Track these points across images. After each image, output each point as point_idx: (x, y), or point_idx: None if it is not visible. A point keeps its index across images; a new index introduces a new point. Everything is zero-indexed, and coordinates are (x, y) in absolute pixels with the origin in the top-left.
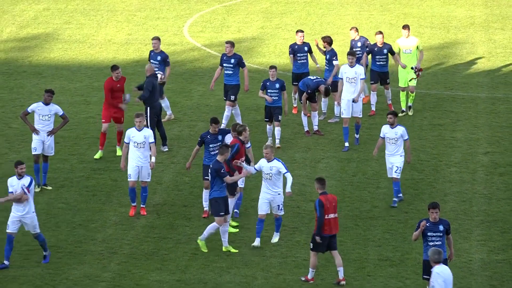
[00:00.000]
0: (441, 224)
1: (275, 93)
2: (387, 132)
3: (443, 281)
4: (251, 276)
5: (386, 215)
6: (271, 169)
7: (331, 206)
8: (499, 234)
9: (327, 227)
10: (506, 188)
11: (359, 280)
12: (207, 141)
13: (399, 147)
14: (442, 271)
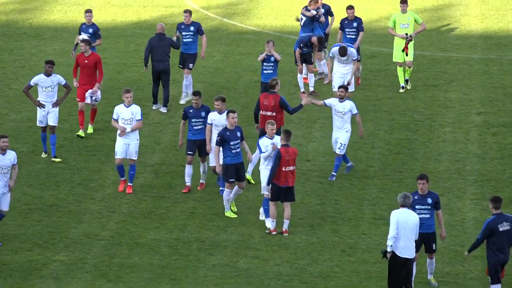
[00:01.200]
0: (429, 197)
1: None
2: (335, 105)
3: (396, 221)
4: (248, 235)
5: (381, 174)
6: (272, 144)
7: (290, 158)
8: (492, 193)
9: (283, 179)
10: (499, 148)
11: (354, 238)
12: (190, 115)
13: (346, 123)
14: (399, 213)
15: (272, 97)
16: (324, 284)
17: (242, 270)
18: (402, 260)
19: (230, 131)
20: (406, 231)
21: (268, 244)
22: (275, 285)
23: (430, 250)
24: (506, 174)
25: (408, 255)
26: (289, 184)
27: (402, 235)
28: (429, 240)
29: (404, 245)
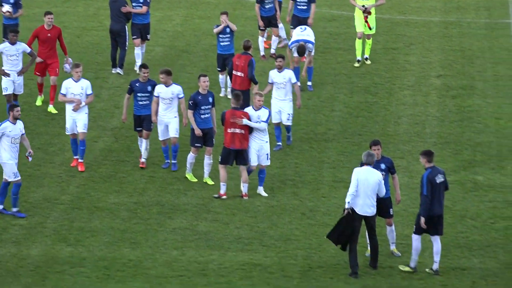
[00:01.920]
0: (382, 163)
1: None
2: (274, 77)
3: (357, 179)
4: (208, 198)
5: (340, 137)
6: (259, 118)
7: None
8: (451, 155)
9: (229, 140)
10: (458, 111)
11: (314, 201)
12: (136, 89)
13: (287, 92)
14: (361, 171)
15: (244, 58)
16: (284, 246)
17: (202, 233)
18: (361, 217)
19: (202, 95)
20: (366, 188)
21: (228, 208)
22: (235, 248)
23: (387, 215)
24: (465, 137)
25: (367, 213)
26: (236, 147)
27: (362, 193)
28: (385, 205)
29: (363, 202)
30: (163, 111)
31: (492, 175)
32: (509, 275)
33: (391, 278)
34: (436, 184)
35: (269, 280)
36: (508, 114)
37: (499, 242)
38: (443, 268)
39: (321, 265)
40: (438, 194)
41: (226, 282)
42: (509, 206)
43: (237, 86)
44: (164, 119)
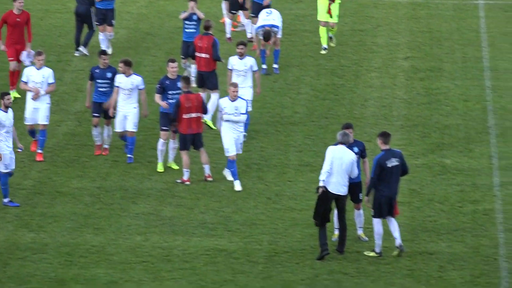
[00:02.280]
0: (355, 146)
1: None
2: (235, 64)
3: (331, 157)
4: (172, 183)
5: (307, 120)
6: (236, 109)
7: (192, 105)
8: (419, 138)
9: (185, 126)
10: (426, 93)
11: (280, 185)
12: (96, 75)
13: (248, 79)
14: (335, 149)
15: (206, 39)
16: (249, 231)
17: (167, 219)
18: (334, 196)
19: (170, 80)
20: (340, 167)
21: (193, 192)
22: (199, 233)
23: (357, 199)
24: (433, 119)
25: (340, 192)
26: (194, 131)
27: (335, 171)
28: (356, 190)
29: (336, 181)
30: (122, 101)
31: (460, 158)
32: (476, 259)
33: (357, 263)
34: (387, 168)
35: (234, 265)
36: (476, 96)
37: (466, 226)
38: (410, 253)
39: (287, 250)
40: (388, 177)
41: (190, 268)
42: (477, 189)
43: (203, 68)
44: (123, 110)
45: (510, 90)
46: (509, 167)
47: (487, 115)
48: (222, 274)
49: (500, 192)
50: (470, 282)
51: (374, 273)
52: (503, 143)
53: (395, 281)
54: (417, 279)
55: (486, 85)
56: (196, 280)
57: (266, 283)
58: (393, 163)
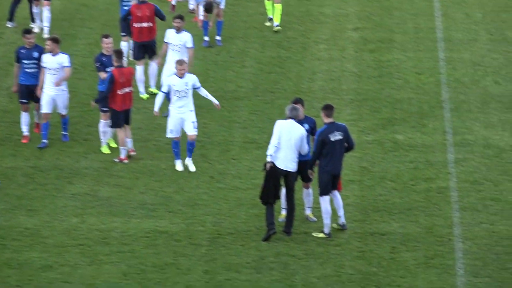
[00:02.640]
0: (306, 123)
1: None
2: (170, 37)
3: (279, 131)
4: (110, 162)
5: (251, 95)
6: (186, 85)
7: (125, 80)
8: (370, 113)
9: (120, 102)
10: (377, 66)
11: (224, 163)
12: (21, 56)
13: (183, 55)
14: (284, 123)
15: (146, 7)
16: (192, 212)
17: (104, 199)
18: (283, 172)
19: (107, 56)
20: (288, 142)
21: (132, 171)
22: (139, 214)
23: (306, 178)
24: (384, 93)
25: (288, 168)
26: (127, 107)
27: (284, 146)
28: (306, 168)
29: (284, 156)
30: (49, 83)
31: (413, 134)
32: (430, 239)
33: (305, 244)
34: (330, 142)
35: (176, 248)
36: (429, 69)
37: (420, 205)
38: (361, 233)
39: (231, 231)
40: (331, 152)
41: (129, 251)
42: (431, 166)
43: (145, 37)
44: (50, 92)
45: (464, 62)
46: (464, 143)
47: (441, 88)
48: (163, 257)
49: (455, 169)
50: (424, 264)
51: (323, 255)
52: (457, 117)
53: (345, 263)
54: (368, 261)
55: (440, 57)
56: (136, 264)
57: (210, 266)
58: (337, 137)
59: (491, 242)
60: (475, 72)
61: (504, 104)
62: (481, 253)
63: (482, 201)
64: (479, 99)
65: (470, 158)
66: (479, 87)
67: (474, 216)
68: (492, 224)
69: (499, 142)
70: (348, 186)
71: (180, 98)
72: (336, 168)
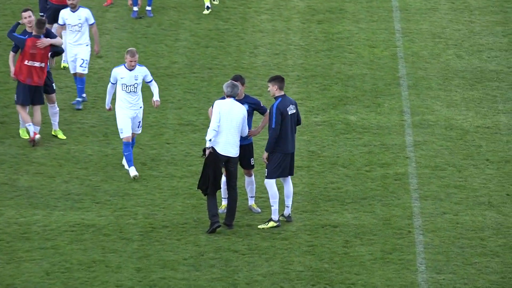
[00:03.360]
0: (246, 103)
1: None
2: (67, 18)
3: (218, 112)
4: (29, 148)
5: (187, 71)
6: (136, 78)
7: (38, 53)
8: (319, 91)
9: (25, 74)
10: (326, 38)
11: (156, 149)
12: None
13: (83, 35)
14: (223, 103)
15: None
16: (122, 203)
17: (23, 189)
18: (223, 158)
19: (29, 34)
20: (229, 124)
21: (54, 158)
22: (63, 206)
23: (248, 165)
24: (334, 69)
25: (230, 153)
26: (34, 83)
27: (224, 129)
28: (246, 153)
29: (226, 140)
30: None
31: (367, 114)
32: (387, 231)
33: (249, 238)
34: (288, 116)
35: (104, 243)
36: (384, 42)
37: (376, 194)
38: (311, 226)
39: (166, 224)
40: (290, 128)
41: (52, 247)
42: (387, 150)
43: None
44: None
45: (422, 33)
46: (424, 124)
47: (397, 63)
48: (91, 253)
49: (414, 153)
50: (381, 259)
51: (268, 250)
52: (415, 95)
53: (294, 259)
54: (319, 256)
55: (396, 28)
56: (60, 261)
57: (142, 264)
58: (292, 111)
59: (455, 234)
60: (435, 45)
61: (468, 81)
62: (444, 246)
63: (445, 189)
64: (440, 75)
65: (430, 141)
66: (439, 62)
67: (436, 205)
68: (456, 214)
69: (463, 123)
70: (296, 172)
71: (128, 93)
72: (289, 146)
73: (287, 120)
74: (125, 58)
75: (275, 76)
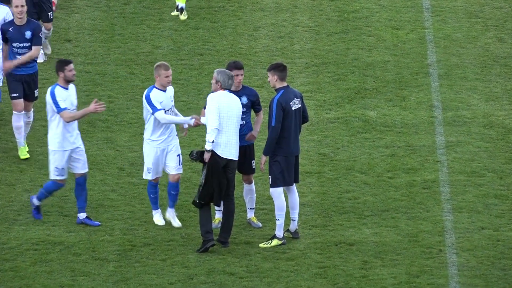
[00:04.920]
0: (244, 95)
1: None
2: None
3: (217, 108)
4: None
5: (172, 58)
6: (172, 100)
7: None
8: (331, 82)
9: None
10: (340, 18)
11: (137, 151)
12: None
13: None
14: (221, 96)
15: None
16: (95, 216)
17: None
18: (222, 162)
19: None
20: (229, 120)
21: (13, 162)
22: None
23: (249, 169)
24: (350, 55)
25: (232, 155)
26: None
27: (224, 127)
28: (246, 155)
29: (226, 141)
30: None
31: (389, 110)
32: (413, 250)
33: (248, 258)
34: (291, 112)
35: (74, 265)
36: (410, 22)
37: (400, 205)
38: (322, 243)
39: (149, 242)
40: (294, 126)
41: (11, 269)
42: (413, 153)
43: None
44: None
45: (456, 12)
46: (457, 121)
47: (426, 48)
48: (58, 277)
49: (446, 156)
50: (406, 284)
51: (271, 272)
52: (448, 87)
53: (301, 283)
54: (332, 280)
55: (424, 6)
56: (20, 286)
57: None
58: (296, 105)
59: (495, 254)
60: (471, 26)
61: (511, 69)
62: (482, 268)
63: (483, 199)
64: (477, 62)
65: (466, 141)
66: (476, 46)
67: (473, 219)
68: (496, 229)
69: (505, 120)
70: (304, 179)
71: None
72: (293, 147)
73: (291, 117)
74: (156, 75)
75: (275, 64)
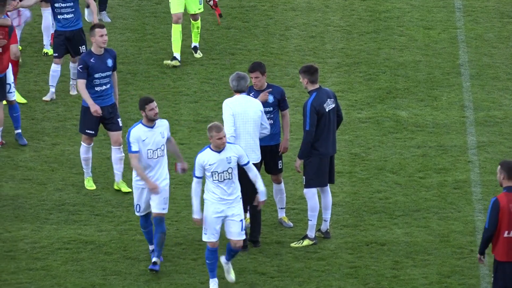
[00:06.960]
0: (270, 94)
1: None
2: None
3: (232, 114)
4: (15, 149)
5: (205, 58)
6: (229, 160)
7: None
8: (363, 82)
9: None
10: (372, 18)
11: None
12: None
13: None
14: (235, 101)
15: None
16: (126, 215)
17: (9, 199)
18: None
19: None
20: (246, 125)
21: (45, 161)
22: (55, 218)
23: (275, 169)
24: (381, 55)
25: (252, 159)
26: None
27: (241, 132)
28: (272, 155)
29: (245, 145)
30: None
31: (421, 110)
32: (445, 251)
33: (279, 258)
34: (325, 114)
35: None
36: (441, 22)
37: (431, 205)
38: (353, 243)
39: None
40: (327, 127)
41: (42, 268)
42: (445, 153)
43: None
44: None
45: (488, 12)
46: (489, 121)
47: (458, 48)
48: (89, 276)
49: (478, 156)
50: (437, 284)
51: (302, 272)
52: (480, 87)
53: (332, 283)
54: (363, 280)
55: (456, 6)
56: (52, 286)
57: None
58: (330, 106)
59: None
60: (503, 26)
61: None
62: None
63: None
64: (509, 63)
65: (497, 141)
66: (508, 46)
67: None
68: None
69: None
70: (336, 179)
71: (221, 183)
72: (330, 147)
73: (325, 118)
74: (210, 136)
75: (305, 66)
